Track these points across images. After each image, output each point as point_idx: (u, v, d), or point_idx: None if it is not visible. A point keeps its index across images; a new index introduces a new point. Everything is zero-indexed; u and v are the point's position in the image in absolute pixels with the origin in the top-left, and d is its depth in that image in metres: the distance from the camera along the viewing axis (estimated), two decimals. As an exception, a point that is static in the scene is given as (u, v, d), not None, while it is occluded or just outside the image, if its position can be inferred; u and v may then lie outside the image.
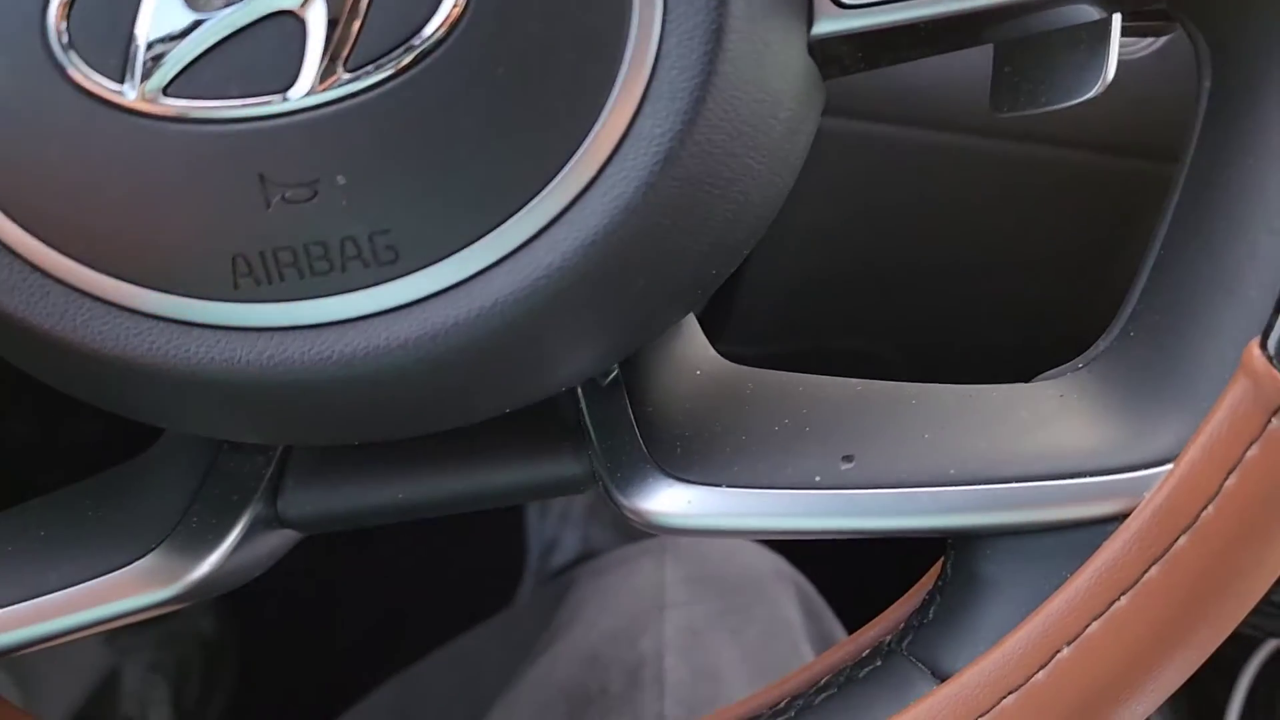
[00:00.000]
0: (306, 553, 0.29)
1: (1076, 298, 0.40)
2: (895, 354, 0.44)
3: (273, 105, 0.20)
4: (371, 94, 0.20)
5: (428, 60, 0.20)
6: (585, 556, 0.75)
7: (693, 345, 0.28)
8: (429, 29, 0.20)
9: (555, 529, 0.79)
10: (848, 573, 0.57)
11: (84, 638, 0.26)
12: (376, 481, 0.27)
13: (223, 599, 0.27)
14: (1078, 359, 0.26)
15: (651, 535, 0.61)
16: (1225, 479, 0.22)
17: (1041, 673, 0.23)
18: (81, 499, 0.27)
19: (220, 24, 0.20)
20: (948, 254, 0.40)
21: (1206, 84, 0.24)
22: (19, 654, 0.27)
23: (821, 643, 0.50)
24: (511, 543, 0.82)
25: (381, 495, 0.27)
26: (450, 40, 0.20)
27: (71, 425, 0.61)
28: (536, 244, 0.21)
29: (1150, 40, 0.37)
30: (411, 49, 0.20)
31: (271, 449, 0.27)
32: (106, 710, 0.66)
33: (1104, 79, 0.25)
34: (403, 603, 0.83)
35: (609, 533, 0.77)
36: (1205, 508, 0.22)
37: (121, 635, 0.68)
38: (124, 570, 0.26)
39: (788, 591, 0.52)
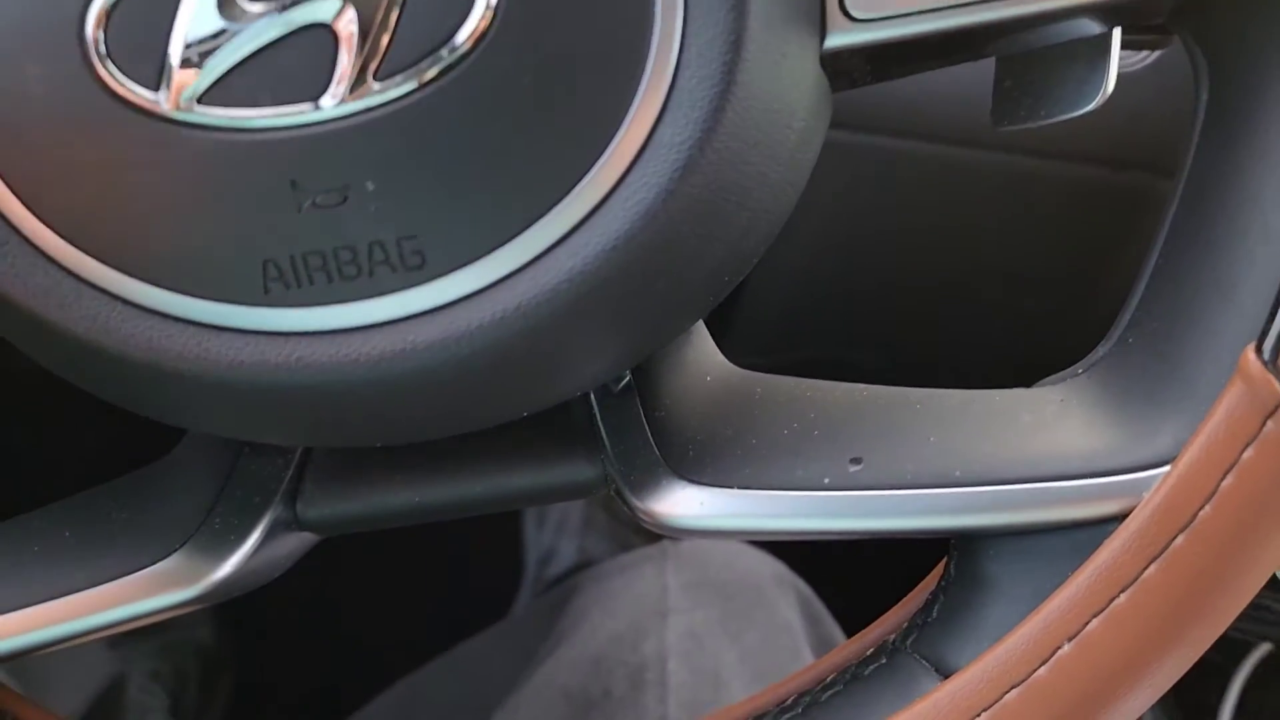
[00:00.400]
0: (304, 564, 0.30)
1: (1074, 308, 0.41)
2: (894, 363, 0.44)
3: (304, 114, 0.21)
4: (400, 104, 0.21)
5: (455, 71, 0.21)
6: (582, 566, 0.75)
7: (703, 352, 0.28)
8: (457, 40, 0.21)
9: (552, 539, 0.80)
10: (845, 578, 0.58)
11: (107, 636, 0.27)
12: (393, 485, 0.28)
13: (221, 609, 0.27)
14: (1078, 364, 0.26)
15: (651, 542, 0.62)
16: (1222, 480, 0.23)
17: (1043, 668, 0.23)
18: (106, 500, 0.28)
19: (254, 35, 0.21)
20: (946, 264, 0.41)
21: (1204, 96, 0.25)
22: (41, 653, 0.27)
23: (821, 647, 0.51)
24: (509, 553, 0.83)
25: (398, 498, 0.28)
26: (477, 52, 0.21)
27: (92, 430, 0.61)
28: (559, 250, 0.22)
29: (1145, 54, 0.38)
30: (439, 60, 0.21)
31: (291, 452, 0.28)
32: (109, 718, 0.66)
33: (1104, 92, 0.26)
34: (400, 613, 0.83)
35: (605, 542, 0.78)
36: (1202, 508, 0.23)
37: (124, 643, 0.68)
38: (148, 570, 0.26)
39: (788, 596, 0.52)
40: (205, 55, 0.21)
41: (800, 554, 0.59)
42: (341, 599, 0.82)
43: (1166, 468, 0.23)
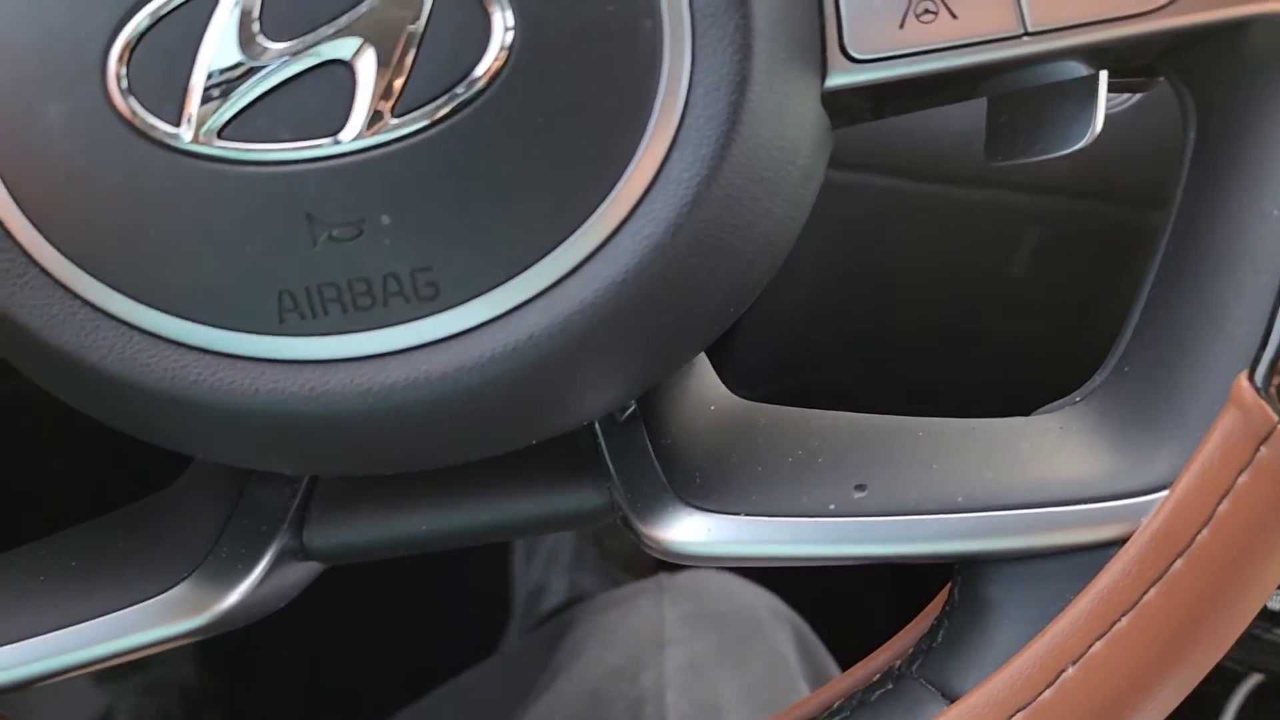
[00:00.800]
0: (290, 599, 0.30)
1: (1070, 337, 0.41)
2: (893, 392, 0.45)
3: (322, 148, 0.22)
4: (416, 139, 0.22)
5: (470, 108, 0.21)
6: (573, 601, 0.75)
7: (706, 382, 0.29)
8: (472, 78, 0.21)
9: (542, 574, 0.80)
10: (839, 612, 0.58)
11: (113, 666, 0.27)
12: (400, 514, 0.28)
13: (206, 645, 0.27)
14: (1075, 393, 0.27)
15: (641, 578, 0.62)
16: (1218, 504, 0.23)
17: (1048, 691, 0.24)
18: (112, 529, 0.28)
19: (275, 71, 0.21)
20: (943, 296, 0.42)
21: (1191, 135, 0.26)
22: (44, 684, 0.27)
23: (817, 680, 0.51)
24: (497, 588, 0.83)
25: (405, 527, 0.28)
26: (492, 89, 0.21)
27: (99, 457, 0.61)
28: (570, 281, 0.22)
29: (1128, 96, 0.39)
30: (455, 97, 0.21)
31: (298, 481, 0.28)
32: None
33: (1093, 130, 0.27)
34: (388, 649, 0.83)
35: (596, 577, 0.78)
36: (1200, 532, 0.23)
37: (111, 678, 0.67)
38: (155, 600, 0.26)
39: (784, 630, 0.53)
40: (226, 90, 0.22)
41: (793, 588, 0.60)
42: (327, 635, 0.81)
43: (1164, 493, 0.24)
